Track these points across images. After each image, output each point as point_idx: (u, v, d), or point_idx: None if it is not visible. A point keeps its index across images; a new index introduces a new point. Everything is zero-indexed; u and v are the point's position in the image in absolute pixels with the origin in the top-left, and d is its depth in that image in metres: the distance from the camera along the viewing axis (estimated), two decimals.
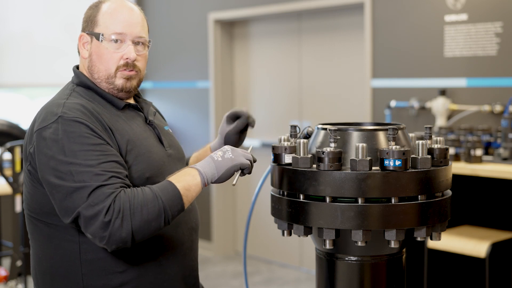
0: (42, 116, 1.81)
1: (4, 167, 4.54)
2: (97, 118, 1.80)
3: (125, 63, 1.89)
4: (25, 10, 6.09)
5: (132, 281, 1.82)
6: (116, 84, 1.90)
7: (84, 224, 1.69)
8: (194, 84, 6.21)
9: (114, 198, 1.68)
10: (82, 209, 1.68)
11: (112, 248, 1.70)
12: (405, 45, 4.64)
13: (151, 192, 1.74)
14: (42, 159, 1.74)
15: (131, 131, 1.87)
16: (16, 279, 4.33)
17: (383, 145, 1.80)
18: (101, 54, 1.88)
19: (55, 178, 1.71)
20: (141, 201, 1.71)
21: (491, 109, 4.12)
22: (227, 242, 6.19)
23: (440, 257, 3.82)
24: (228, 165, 1.81)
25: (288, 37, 5.65)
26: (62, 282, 1.83)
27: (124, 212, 1.68)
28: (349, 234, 1.76)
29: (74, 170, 1.70)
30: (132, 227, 1.69)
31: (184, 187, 1.76)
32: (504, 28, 4.13)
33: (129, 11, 1.91)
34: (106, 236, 1.67)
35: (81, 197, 1.68)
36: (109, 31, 1.87)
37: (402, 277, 1.93)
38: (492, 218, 4.02)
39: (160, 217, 1.72)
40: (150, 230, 1.72)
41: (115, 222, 1.67)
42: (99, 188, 1.68)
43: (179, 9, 6.24)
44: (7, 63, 6.04)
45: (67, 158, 1.71)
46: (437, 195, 1.81)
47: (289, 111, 5.65)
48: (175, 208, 1.75)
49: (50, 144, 1.73)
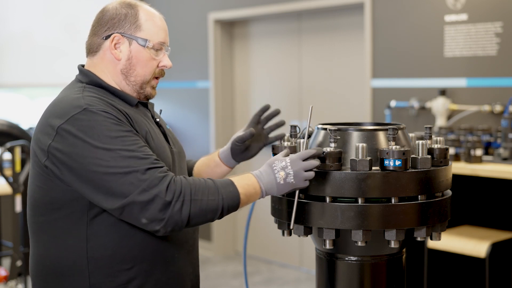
0: (59, 110, 1.78)
1: (4, 167, 4.54)
2: (118, 109, 1.80)
3: (160, 71, 1.94)
4: (25, 10, 6.09)
5: (138, 277, 1.82)
6: (146, 91, 1.93)
7: (140, 210, 1.69)
8: (194, 84, 6.21)
9: (170, 181, 1.70)
10: (136, 195, 1.68)
11: (167, 230, 1.71)
12: (405, 45, 4.64)
13: (213, 184, 1.76)
14: (78, 151, 1.72)
15: (148, 125, 1.89)
16: (16, 279, 4.33)
17: (383, 145, 1.80)
18: (143, 59, 1.89)
19: (96, 167, 1.70)
20: (203, 190, 1.73)
21: (491, 109, 4.12)
22: (227, 242, 6.19)
23: (440, 257, 3.82)
24: (288, 189, 1.80)
25: (288, 37, 5.65)
26: (67, 280, 1.82)
27: (185, 196, 1.70)
28: (349, 234, 1.76)
29: (116, 156, 1.69)
30: (191, 212, 1.71)
31: (245, 194, 1.78)
32: (504, 28, 4.13)
33: (163, 19, 1.95)
34: (165, 218, 1.69)
35: (131, 182, 1.68)
36: (155, 39, 1.90)
37: (402, 277, 1.93)
38: (492, 218, 4.01)
39: (217, 211, 1.75)
40: (205, 220, 1.75)
41: (176, 204, 1.69)
42: (148, 171, 1.69)
43: (179, 9, 6.24)
44: (7, 63, 6.04)
45: (106, 145, 1.70)
46: (437, 195, 1.81)
47: (289, 111, 5.65)
48: (231, 209, 1.77)
49: (80, 135, 1.72)
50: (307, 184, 1.78)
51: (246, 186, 1.78)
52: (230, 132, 6.16)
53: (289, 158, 1.80)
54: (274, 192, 1.80)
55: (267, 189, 1.80)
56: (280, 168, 1.79)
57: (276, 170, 1.79)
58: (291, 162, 1.78)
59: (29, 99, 6.65)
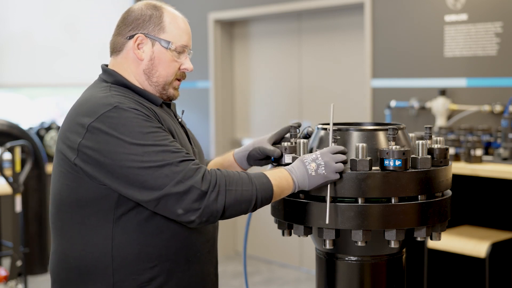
0: (88, 108, 1.80)
1: (4, 167, 4.54)
2: (146, 108, 1.83)
3: (181, 73, 1.97)
4: (25, 10, 6.09)
5: (160, 276, 1.84)
6: (168, 92, 1.96)
7: (175, 201, 1.71)
8: (194, 84, 6.21)
9: (205, 172, 1.73)
10: (171, 187, 1.70)
11: (203, 220, 1.73)
12: (405, 45, 4.64)
13: (247, 176, 1.78)
14: (110, 148, 1.74)
15: (172, 124, 1.91)
16: (16, 279, 4.33)
17: (383, 145, 1.80)
18: (165, 61, 1.92)
19: (130, 162, 1.72)
20: (237, 181, 1.75)
21: (491, 109, 4.12)
22: (227, 242, 6.19)
23: (440, 257, 3.82)
24: (319, 182, 1.80)
25: (288, 37, 5.65)
26: (91, 278, 1.83)
27: (220, 186, 1.72)
28: (349, 234, 1.76)
29: (150, 151, 1.72)
30: (226, 202, 1.73)
31: (278, 186, 1.80)
32: (504, 28, 4.13)
33: (186, 23, 1.99)
34: (200, 208, 1.71)
35: (166, 175, 1.71)
36: (178, 42, 1.93)
37: (402, 277, 1.93)
38: (492, 218, 4.02)
39: (251, 202, 1.76)
40: (239, 210, 1.76)
41: (211, 194, 1.71)
42: (182, 163, 1.72)
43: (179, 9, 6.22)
44: (7, 63, 6.04)
45: (139, 141, 1.73)
46: (437, 195, 1.81)
47: (289, 111, 5.65)
48: (265, 201, 1.79)
49: (112, 132, 1.74)
50: (338, 177, 1.78)
51: (278, 179, 1.80)
52: (230, 132, 6.16)
53: (319, 151, 1.82)
54: (306, 184, 1.80)
55: (299, 181, 1.81)
56: (311, 160, 1.80)
57: (307, 162, 1.80)
58: (321, 154, 1.80)
59: (29, 99, 6.65)
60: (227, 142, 6.13)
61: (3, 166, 4.42)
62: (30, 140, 5.08)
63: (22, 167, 4.53)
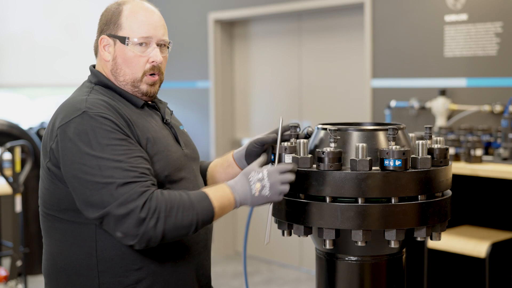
0: (64, 112, 1.79)
1: (4, 167, 4.54)
2: (120, 114, 1.79)
3: (151, 67, 1.89)
4: (25, 10, 6.09)
5: (147, 278, 1.82)
6: (141, 89, 1.90)
7: (115, 223, 1.68)
8: (194, 84, 6.21)
9: (148, 197, 1.69)
10: (113, 208, 1.67)
11: (142, 246, 1.71)
12: (405, 45, 4.64)
13: (188, 199, 1.74)
14: (67, 154, 1.73)
15: (151, 128, 1.87)
16: (16, 279, 4.33)
17: (383, 145, 1.80)
18: (127, 58, 1.88)
19: (82, 173, 1.70)
20: (178, 205, 1.72)
21: (491, 109, 4.12)
22: (227, 242, 6.19)
23: (440, 257, 3.82)
24: (261, 202, 1.80)
25: (288, 37, 5.65)
26: (78, 279, 1.83)
27: (160, 213, 1.69)
28: (349, 234, 1.76)
29: (102, 165, 1.69)
30: (165, 228, 1.69)
31: (219, 207, 1.78)
32: (504, 28, 4.13)
33: (152, 13, 1.91)
34: (139, 234, 1.68)
35: (110, 194, 1.67)
36: (135, 35, 1.87)
37: (402, 277, 1.93)
38: (492, 218, 4.02)
39: (191, 227, 1.74)
40: (179, 235, 1.74)
41: (150, 221, 1.68)
42: (128, 184, 1.68)
43: (179, 9, 6.24)
44: (7, 63, 6.04)
45: (95, 152, 1.70)
46: (437, 195, 1.81)
47: (289, 111, 5.65)
48: (205, 223, 1.77)
49: (74, 139, 1.72)
50: (281, 199, 1.79)
51: (220, 199, 1.78)
52: (230, 132, 6.16)
53: (266, 170, 1.80)
54: (248, 203, 1.81)
55: (241, 200, 1.80)
56: (257, 179, 1.79)
57: (252, 181, 1.79)
58: (268, 174, 1.78)
59: (29, 99, 6.65)
60: (227, 142, 6.13)
61: (3, 166, 4.42)
62: (30, 140, 5.08)
63: (22, 167, 4.53)
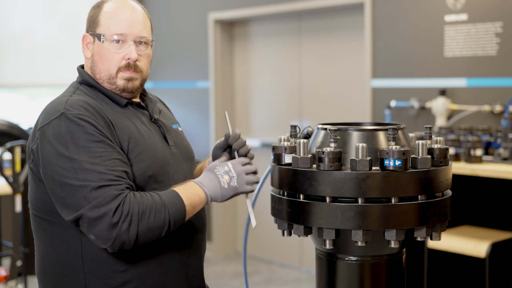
0: (45, 113, 1.81)
1: (4, 167, 4.54)
2: (100, 115, 1.79)
3: (126, 64, 1.89)
4: (25, 10, 6.09)
5: (133, 280, 1.82)
6: (117, 85, 1.89)
7: (88, 226, 1.69)
8: (194, 84, 6.21)
9: (122, 200, 1.69)
10: (86, 210, 1.67)
11: (115, 249, 1.71)
12: (405, 45, 4.64)
13: (160, 200, 1.75)
14: (45, 155, 1.74)
15: (134, 128, 1.86)
16: (16, 279, 4.33)
17: (383, 145, 1.80)
18: (102, 55, 1.88)
19: (57, 175, 1.71)
20: (150, 207, 1.72)
21: (491, 109, 4.12)
22: (227, 242, 6.19)
23: (440, 257, 3.82)
24: (231, 194, 1.85)
25: (288, 37, 5.65)
26: (64, 281, 1.83)
27: (133, 216, 1.69)
28: (349, 234, 1.76)
29: (77, 167, 1.69)
30: (138, 231, 1.70)
31: (191, 204, 1.79)
32: (504, 28, 4.13)
33: (130, 11, 1.91)
34: (112, 238, 1.68)
35: (84, 196, 1.68)
36: (110, 32, 1.88)
37: (402, 277, 1.92)
38: (492, 218, 4.01)
39: (164, 227, 1.75)
40: (152, 236, 1.75)
41: (123, 224, 1.68)
42: (103, 188, 1.68)
43: (179, 9, 6.24)
44: (7, 63, 6.04)
45: (71, 154, 1.70)
46: (437, 195, 1.81)
47: (289, 111, 5.65)
48: (178, 222, 1.78)
49: (52, 141, 1.73)
50: (249, 188, 1.83)
51: (191, 196, 1.79)
52: None
53: (230, 162, 1.85)
54: (218, 197, 1.83)
55: (212, 194, 1.82)
56: (224, 172, 1.83)
57: (220, 174, 1.82)
58: (233, 166, 1.84)
59: (29, 99, 6.65)
60: None
61: (3, 166, 4.42)
62: None
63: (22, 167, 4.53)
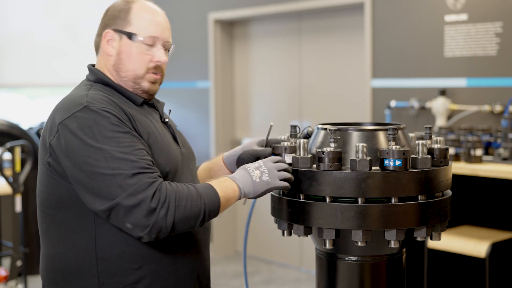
0: (64, 108, 1.79)
1: (4, 167, 4.54)
2: (121, 108, 1.80)
3: (155, 66, 1.91)
4: (25, 10, 6.09)
5: (147, 278, 1.82)
6: (142, 86, 1.91)
7: (124, 214, 1.68)
8: (194, 84, 6.21)
9: (157, 187, 1.70)
10: (122, 199, 1.67)
11: (151, 238, 1.71)
12: (405, 45, 4.64)
13: (195, 190, 1.76)
14: (69, 147, 1.73)
15: (152, 125, 1.88)
16: (16, 279, 4.33)
17: (383, 145, 1.80)
18: (131, 54, 1.88)
19: (88, 166, 1.70)
20: (186, 196, 1.73)
21: (491, 109, 4.12)
22: (227, 242, 6.19)
23: (440, 257, 3.82)
24: (264, 188, 1.83)
25: (288, 37, 5.65)
26: (76, 280, 1.82)
27: (170, 203, 1.70)
28: (349, 234, 1.76)
29: (108, 157, 1.69)
30: (175, 219, 1.70)
31: (224, 197, 1.80)
32: (504, 28, 4.13)
33: (161, 15, 1.94)
34: (149, 225, 1.68)
35: (119, 185, 1.68)
36: (144, 33, 1.88)
37: (402, 277, 1.93)
38: (492, 218, 4.02)
39: (199, 217, 1.75)
40: (187, 226, 1.75)
41: (160, 211, 1.68)
42: (137, 175, 1.69)
43: (179, 9, 6.24)
44: (7, 63, 6.04)
45: (100, 145, 1.70)
46: (437, 195, 1.81)
47: (289, 111, 5.65)
48: (213, 213, 1.78)
49: (77, 132, 1.72)
50: (282, 184, 1.82)
51: (225, 189, 1.80)
52: (230, 132, 6.16)
53: (261, 160, 1.87)
54: (251, 192, 1.83)
55: (245, 188, 1.82)
56: (254, 167, 1.84)
57: (251, 170, 1.84)
58: (264, 162, 1.85)
59: (29, 99, 6.65)
60: (227, 142, 6.13)
61: (3, 166, 4.42)
62: (30, 140, 5.08)
63: (22, 167, 4.53)
